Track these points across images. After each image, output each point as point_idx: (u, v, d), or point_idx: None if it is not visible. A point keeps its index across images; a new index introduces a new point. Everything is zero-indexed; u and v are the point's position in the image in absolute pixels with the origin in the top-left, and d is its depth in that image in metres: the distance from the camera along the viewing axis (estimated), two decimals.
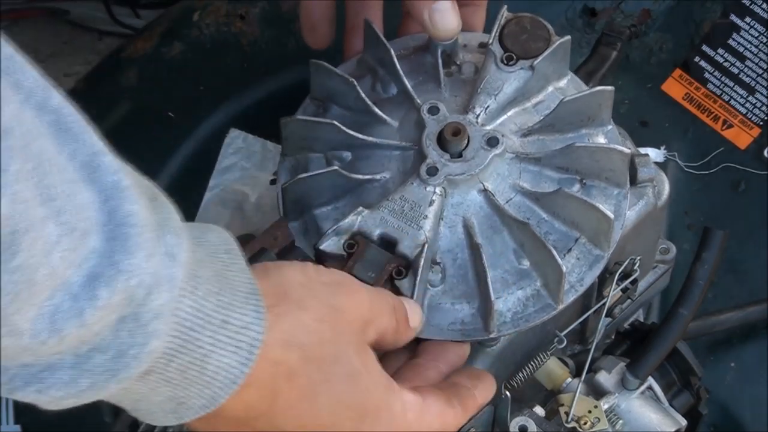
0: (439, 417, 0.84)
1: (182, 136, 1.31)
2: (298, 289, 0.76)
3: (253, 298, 0.72)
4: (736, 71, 1.29)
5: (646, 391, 0.99)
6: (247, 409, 0.73)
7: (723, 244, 0.99)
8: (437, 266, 0.91)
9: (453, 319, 0.91)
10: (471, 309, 0.91)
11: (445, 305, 0.91)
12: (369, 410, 0.79)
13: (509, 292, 0.91)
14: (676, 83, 1.30)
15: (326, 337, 0.76)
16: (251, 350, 0.70)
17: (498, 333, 0.91)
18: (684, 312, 0.97)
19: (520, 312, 0.91)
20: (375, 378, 0.80)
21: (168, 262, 0.66)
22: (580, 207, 0.91)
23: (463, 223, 0.91)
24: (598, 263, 0.93)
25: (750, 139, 1.28)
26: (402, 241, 0.89)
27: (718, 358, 1.20)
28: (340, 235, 0.89)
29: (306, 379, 0.75)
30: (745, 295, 1.21)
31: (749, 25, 1.29)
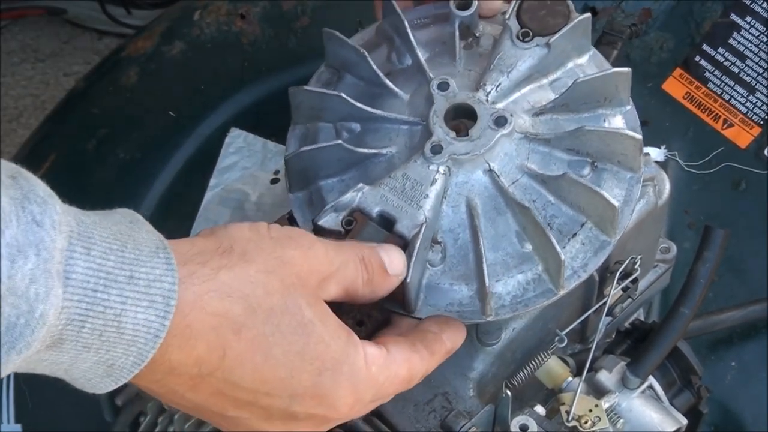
0: (405, 364, 0.83)
1: (183, 136, 1.31)
2: (244, 244, 0.76)
3: (162, 252, 0.72)
4: (737, 70, 1.29)
5: (647, 390, 0.99)
6: (198, 364, 0.73)
7: (724, 243, 0.98)
8: (438, 246, 0.89)
9: (451, 300, 0.89)
10: (469, 291, 0.89)
11: (443, 285, 0.89)
12: (327, 363, 0.78)
13: (509, 275, 0.89)
14: (677, 82, 1.30)
15: (273, 287, 0.75)
16: (168, 302, 0.70)
17: (495, 316, 0.89)
18: (685, 311, 0.97)
19: (520, 296, 0.89)
20: (332, 330, 0.78)
21: (34, 228, 0.66)
22: (586, 193, 0.89)
23: (467, 203, 0.90)
24: (604, 249, 0.91)
25: (750, 138, 1.28)
26: (400, 220, 0.87)
27: (719, 357, 1.20)
28: (339, 211, 0.87)
29: (255, 331, 0.74)
30: (746, 295, 1.21)
31: (750, 24, 1.29)
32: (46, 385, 1.21)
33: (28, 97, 2.21)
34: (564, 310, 1.02)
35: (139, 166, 1.29)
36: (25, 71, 2.26)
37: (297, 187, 0.94)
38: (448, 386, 0.97)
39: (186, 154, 1.30)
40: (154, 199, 1.28)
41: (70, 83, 2.20)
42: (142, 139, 1.31)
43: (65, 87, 2.19)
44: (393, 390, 0.83)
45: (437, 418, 0.95)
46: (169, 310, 0.70)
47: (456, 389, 0.97)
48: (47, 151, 1.32)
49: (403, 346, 0.83)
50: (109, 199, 1.32)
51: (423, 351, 0.84)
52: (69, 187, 1.29)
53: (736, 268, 1.23)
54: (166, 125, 1.32)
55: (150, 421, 0.97)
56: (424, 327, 0.87)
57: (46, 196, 0.68)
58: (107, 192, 1.29)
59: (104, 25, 2.28)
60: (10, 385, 1.21)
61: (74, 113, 1.35)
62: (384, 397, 0.83)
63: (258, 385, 0.76)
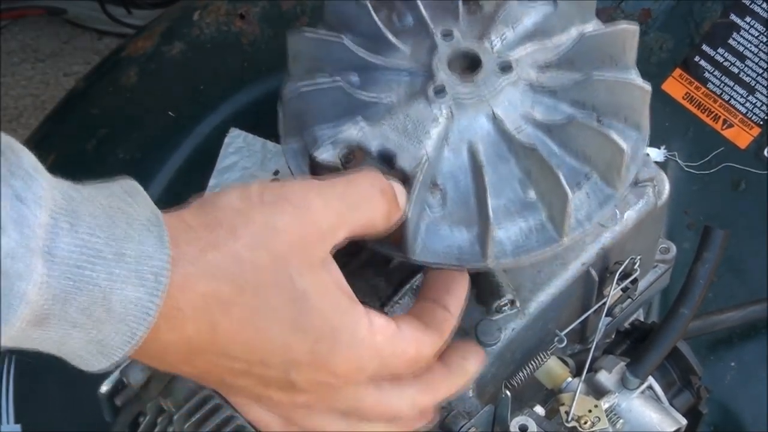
0: (413, 343, 0.81)
1: (182, 136, 1.31)
2: (233, 217, 0.74)
3: (154, 227, 0.70)
4: (737, 71, 1.29)
5: (647, 391, 0.99)
6: (188, 343, 0.72)
7: (723, 243, 0.98)
8: (438, 190, 0.87)
9: (450, 245, 0.86)
10: (469, 236, 0.86)
11: (443, 230, 0.87)
12: (325, 332, 0.75)
13: (511, 222, 0.87)
14: (677, 83, 1.30)
15: (262, 263, 0.73)
16: (158, 280, 0.69)
17: (496, 262, 0.86)
18: (684, 311, 0.97)
19: (521, 242, 0.87)
20: (331, 298, 0.76)
21: (16, 204, 0.65)
22: (594, 138, 0.87)
23: (469, 147, 0.87)
24: (609, 202, 0.88)
25: (750, 138, 1.28)
26: (401, 155, 0.84)
27: (719, 358, 1.20)
28: (337, 146, 0.85)
29: (244, 308, 0.73)
30: (746, 295, 1.21)
31: (749, 24, 1.29)
32: (46, 385, 1.21)
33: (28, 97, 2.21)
34: (563, 311, 1.02)
35: (139, 166, 1.29)
36: (25, 71, 2.26)
37: (291, 135, 0.91)
38: None
39: (185, 154, 1.30)
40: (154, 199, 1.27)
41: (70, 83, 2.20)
42: (142, 139, 1.31)
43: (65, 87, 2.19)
44: (400, 366, 0.81)
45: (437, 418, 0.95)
46: (159, 287, 0.69)
47: None
48: (47, 151, 1.32)
49: (413, 324, 0.82)
50: None
51: (435, 333, 0.83)
52: None
53: (736, 269, 1.23)
54: (166, 125, 1.32)
55: (150, 421, 0.97)
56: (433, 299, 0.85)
57: (32, 170, 0.67)
58: None
59: (104, 25, 2.28)
60: (10, 385, 1.21)
61: (74, 113, 1.35)
62: (390, 373, 0.81)
63: (251, 356, 0.75)
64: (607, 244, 1.01)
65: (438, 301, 0.86)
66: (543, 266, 0.99)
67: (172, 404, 0.92)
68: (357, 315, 0.78)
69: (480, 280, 0.97)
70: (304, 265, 0.75)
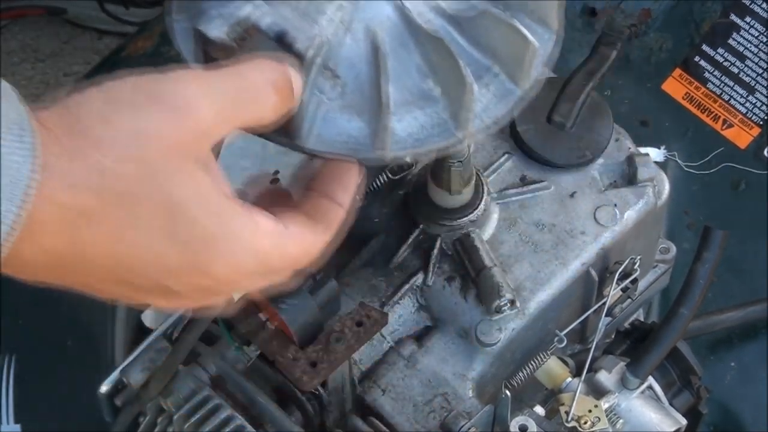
0: (302, 244, 0.77)
1: None
2: (97, 124, 0.68)
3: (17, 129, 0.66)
4: (736, 71, 1.29)
5: (647, 391, 0.99)
6: (52, 257, 0.69)
7: (723, 243, 0.99)
8: (336, 77, 0.82)
9: (343, 133, 0.82)
10: (365, 125, 0.82)
11: (339, 119, 0.83)
12: (206, 241, 0.71)
13: (409, 113, 0.83)
14: (676, 83, 1.30)
15: (129, 173, 0.68)
16: (19, 189, 0.65)
17: (391, 153, 0.82)
18: (684, 311, 0.97)
19: (417, 134, 0.83)
20: (210, 204, 0.71)
21: None
22: (503, 31, 0.82)
23: (371, 34, 0.83)
24: (509, 97, 0.83)
25: (750, 138, 1.28)
26: (297, 36, 0.80)
27: (719, 358, 1.20)
28: (228, 21, 0.80)
29: (110, 221, 0.69)
30: (745, 295, 1.21)
31: (749, 24, 1.29)
32: (46, 385, 1.21)
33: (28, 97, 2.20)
34: (563, 311, 1.02)
35: None
36: (25, 71, 2.26)
37: (181, 11, 0.85)
38: (448, 387, 0.97)
39: None
40: None
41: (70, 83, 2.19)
42: None
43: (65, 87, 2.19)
44: (284, 267, 0.77)
45: (437, 419, 0.95)
46: (20, 197, 0.65)
47: (455, 390, 0.97)
48: None
49: (302, 222, 0.77)
50: None
51: (322, 228, 0.79)
52: None
53: (736, 269, 1.23)
54: None
55: (149, 421, 0.97)
56: (322, 191, 0.81)
57: None
58: None
59: (104, 25, 2.28)
60: (10, 385, 1.21)
61: None
62: (276, 274, 0.77)
63: (120, 269, 0.71)
64: (607, 244, 1.01)
65: (328, 194, 0.81)
66: (543, 266, 0.99)
67: (172, 404, 0.92)
68: (240, 219, 0.73)
69: (480, 280, 0.97)
70: (180, 171, 0.70)
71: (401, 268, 1.01)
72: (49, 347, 1.22)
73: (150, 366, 0.94)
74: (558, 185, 1.03)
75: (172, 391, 0.92)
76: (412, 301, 1.00)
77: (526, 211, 1.02)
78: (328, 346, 0.88)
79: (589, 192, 1.02)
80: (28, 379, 1.21)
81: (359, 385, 0.96)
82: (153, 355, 0.94)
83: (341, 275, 1.01)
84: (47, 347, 1.22)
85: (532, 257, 1.00)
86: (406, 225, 1.01)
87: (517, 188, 1.02)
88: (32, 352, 1.22)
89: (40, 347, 1.22)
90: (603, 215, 1.01)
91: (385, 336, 0.99)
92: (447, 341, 0.99)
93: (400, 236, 1.01)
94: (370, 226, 1.02)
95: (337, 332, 0.88)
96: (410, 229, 1.00)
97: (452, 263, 1.00)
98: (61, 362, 1.22)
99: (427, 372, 0.97)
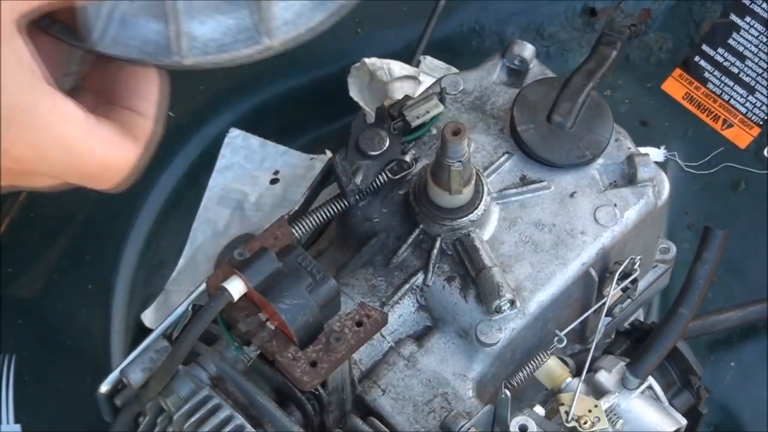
0: (109, 146, 0.74)
1: (182, 136, 1.31)
2: None
3: None
4: (736, 71, 1.29)
5: (647, 391, 0.99)
6: None
7: (723, 243, 0.99)
8: None
9: (140, 37, 0.79)
10: (162, 27, 0.79)
11: (134, 21, 0.79)
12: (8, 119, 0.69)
13: (211, 16, 0.80)
14: (676, 83, 1.30)
15: None
16: None
17: (190, 59, 0.80)
18: (684, 311, 0.97)
19: (219, 40, 0.80)
20: (13, 77, 0.68)
21: None
22: None
23: None
24: (326, 4, 0.80)
25: (750, 138, 1.28)
26: None
27: (718, 358, 1.20)
28: None
29: None
30: (745, 295, 1.21)
31: (749, 24, 1.29)
32: (45, 385, 1.21)
33: None
34: (563, 311, 1.02)
35: None
36: None
37: None
38: (448, 387, 0.97)
39: (185, 154, 1.30)
40: (154, 199, 1.28)
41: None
42: None
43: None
44: (90, 169, 0.74)
45: (437, 419, 0.95)
46: None
47: (455, 390, 0.97)
48: None
49: (111, 127, 0.75)
50: (110, 199, 1.32)
51: (131, 140, 0.76)
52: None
53: (736, 269, 1.23)
54: (166, 125, 1.31)
55: (149, 421, 0.97)
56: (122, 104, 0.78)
57: None
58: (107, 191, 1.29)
59: None
60: (10, 385, 1.21)
61: None
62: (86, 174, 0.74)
63: None
64: (607, 244, 1.01)
65: (131, 106, 0.79)
66: (543, 266, 0.99)
67: (171, 404, 0.92)
68: (45, 96, 0.70)
69: (480, 280, 0.97)
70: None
71: (401, 268, 1.01)
72: (49, 347, 1.22)
73: (150, 366, 0.94)
74: (558, 185, 1.03)
75: (172, 391, 0.91)
76: (412, 301, 1.00)
77: (526, 211, 1.02)
78: (328, 346, 0.88)
79: (589, 192, 1.02)
80: (28, 379, 1.21)
81: (359, 385, 0.96)
82: (153, 355, 0.94)
83: (341, 275, 1.01)
84: (47, 347, 1.22)
85: (532, 257, 1.00)
86: (406, 225, 1.01)
87: (517, 188, 1.02)
88: (32, 352, 1.22)
89: (40, 347, 1.22)
90: (603, 215, 1.01)
91: (385, 336, 0.99)
92: (447, 341, 0.99)
93: (400, 236, 1.01)
94: (370, 226, 1.02)
95: (337, 332, 0.88)
96: (410, 229, 1.00)
97: (452, 263, 1.00)
98: (61, 362, 1.22)
99: (427, 372, 0.97)
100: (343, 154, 1.02)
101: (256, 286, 0.85)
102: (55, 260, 1.26)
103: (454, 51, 1.32)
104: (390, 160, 1.02)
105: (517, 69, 1.09)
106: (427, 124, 1.04)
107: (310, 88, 1.32)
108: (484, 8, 1.34)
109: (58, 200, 1.28)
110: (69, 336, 1.22)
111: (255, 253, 0.86)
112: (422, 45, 1.28)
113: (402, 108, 1.04)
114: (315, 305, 0.86)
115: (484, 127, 1.05)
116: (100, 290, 1.24)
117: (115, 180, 0.76)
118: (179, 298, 1.02)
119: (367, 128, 1.03)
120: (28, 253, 1.27)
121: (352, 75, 1.26)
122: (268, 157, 1.30)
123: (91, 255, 1.26)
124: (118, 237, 1.26)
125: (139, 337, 1.17)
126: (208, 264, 1.25)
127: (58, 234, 1.27)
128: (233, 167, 1.30)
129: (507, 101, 1.06)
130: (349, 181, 1.01)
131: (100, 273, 1.24)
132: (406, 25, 1.33)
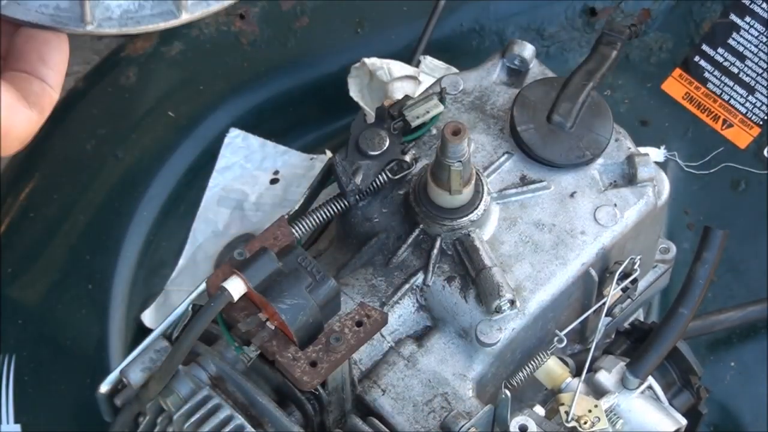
0: (6, 111, 0.73)
1: (182, 136, 1.31)
2: None
3: None
4: (736, 71, 1.29)
5: (647, 391, 0.99)
6: None
7: (723, 243, 0.99)
8: None
9: (51, 5, 0.78)
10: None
11: None
12: None
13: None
14: (676, 83, 1.30)
15: None
16: None
17: (100, 29, 0.79)
18: (684, 311, 0.97)
19: (133, 11, 0.80)
20: None
21: None
22: None
23: None
24: None
25: (750, 138, 1.28)
26: None
27: (718, 358, 1.20)
28: None
29: None
30: (745, 295, 1.21)
31: (749, 24, 1.29)
32: (46, 385, 1.21)
33: None
34: (563, 311, 1.02)
35: (139, 166, 1.29)
36: None
37: None
38: (448, 387, 0.97)
39: (185, 154, 1.30)
40: (154, 199, 1.28)
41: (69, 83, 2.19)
42: (142, 139, 1.31)
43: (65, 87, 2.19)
44: None
45: (437, 419, 0.95)
46: None
47: (455, 390, 0.97)
48: (47, 150, 1.32)
49: (10, 92, 0.74)
50: (109, 199, 1.32)
51: (31, 106, 0.76)
52: (69, 187, 1.29)
53: (736, 269, 1.23)
54: (166, 125, 1.32)
55: (149, 421, 0.97)
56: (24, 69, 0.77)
57: None
58: (107, 192, 1.29)
59: None
60: (10, 385, 1.21)
61: (74, 113, 1.35)
62: None
63: None
64: (607, 244, 1.01)
65: (34, 72, 0.78)
66: (543, 266, 0.99)
67: (171, 404, 0.92)
68: None
69: (480, 280, 0.97)
70: None
71: (401, 268, 1.01)
72: (49, 347, 1.22)
73: (150, 366, 0.94)
74: (558, 185, 1.03)
75: (172, 391, 0.91)
76: (412, 301, 1.00)
77: (526, 211, 1.02)
78: (328, 346, 0.88)
79: (589, 192, 1.02)
80: (28, 379, 1.21)
81: (359, 385, 0.96)
82: (153, 355, 0.94)
83: (341, 275, 1.01)
84: (47, 347, 1.22)
85: (532, 257, 1.00)
86: (406, 225, 1.01)
87: (517, 188, 1.02)
88: (32, 352, 1.22)
89: (40, 347, 1.22)
90: (603, 215, 1.01)
91: (385, 336, 0.99)
92: (447, 341, 0.99)
93: (400, 236, 1.01)
94: (370, 226, 1.02)
95: (337, 332, 0.88)
96: (410, 229, 1.00)
97: (452, 263, 1.00)
98: (61, 362, 1.22)
99: (427, 372, 0.97)
100: (343, 154, 1.02)
101: (256, 286, 0.85)
102: (55, 260, 1.26)
103: (454, 51, 1.32)
104: (390, 160, 1.02)
105: (517, 69, 1.09)
106: (427, 124, 1.04)
107: (310, 88, 1.33)
108: (484, 8, 1.34)
109: (58, 200, 1.29)
110: (69, 336, 1.22)
111: (255, 253, 0.86)
112: (422, 45, 1.28)
113: (402, 108, 1.04)
114: (315, 305, 0.86)
115: (484, 127, 1.05)
116: (99, 290, 1.23)
117: (15, 147, 0.75)
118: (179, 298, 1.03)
119: (367, 128, 1.03)
120: (28, 253, 1.27)
121: (352, 75, 1.26)
122: (268, 156, 1.30)
123: (91, 255, 1.26)
124: (118, 237, 1.26)
125: (138, 337, 1.17)
126: (208, 264, 1.25)
127: (58, 234, 1.27)
128: (233, 167, 1.30)
129: (507, 101, 1.06)
130: (349, 181, 1.01)
131: (99, 273, 1.24)
132: (406, 25, 1.33)
